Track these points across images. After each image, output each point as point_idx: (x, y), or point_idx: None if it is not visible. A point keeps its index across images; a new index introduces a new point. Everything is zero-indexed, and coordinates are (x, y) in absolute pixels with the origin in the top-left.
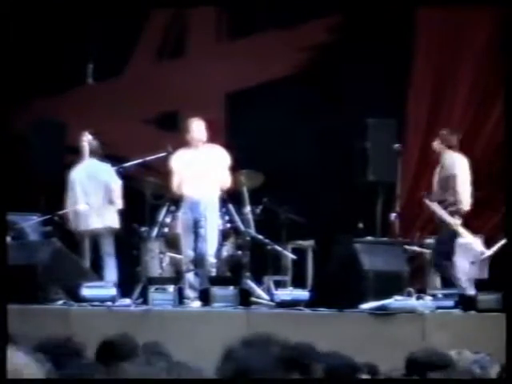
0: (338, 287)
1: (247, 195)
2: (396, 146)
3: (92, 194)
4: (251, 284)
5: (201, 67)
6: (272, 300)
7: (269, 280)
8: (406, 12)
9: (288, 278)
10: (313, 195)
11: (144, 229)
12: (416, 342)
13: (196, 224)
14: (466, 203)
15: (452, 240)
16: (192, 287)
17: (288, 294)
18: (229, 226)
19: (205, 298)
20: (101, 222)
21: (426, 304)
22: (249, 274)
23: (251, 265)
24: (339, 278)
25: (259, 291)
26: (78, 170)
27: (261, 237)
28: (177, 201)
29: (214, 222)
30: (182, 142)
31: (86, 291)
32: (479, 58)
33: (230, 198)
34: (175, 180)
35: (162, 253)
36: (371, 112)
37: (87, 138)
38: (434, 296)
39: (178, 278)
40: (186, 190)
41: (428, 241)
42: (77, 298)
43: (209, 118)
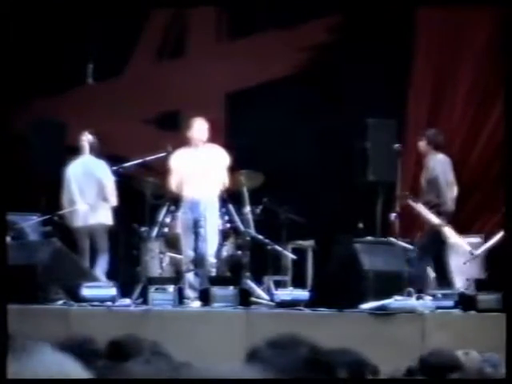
0: (338, 287)
1: (247, 195)
2: (396, 146)
3: (87, 191)
4: (251, 284)
5: (201, 67)
6: (272, 300)
7: (269, 280)
8: (406, 12)
9: (288, 278)
10: (313, 195)
11: (144, 229)
12: (416, 342)
13: (196, 224)
14: (450, 204)
15: (438, 241)
16: (192, 287)
17: (288, 294)
18: (229, 226)
19: (205, 298)
20: (94, 219)
21: (425, 304)
22: (249, 274)
23: (251, 265)
24: (339, 278)
25: (259, 291)
26: (74, 167)
27: (261, 237)
28: (177, 201)
29: (213, 222)
30: (181, 142)
31: (86, 291)
32: (479, 58)
33: (230, 198)
34: (174, 179)
35: (161, 253)
36: (371, 112)
37: (87, 137)
38: (433, 296)
39: (177, 277)
40: (185, 190)
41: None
42: (77, 298)
43: (209, 118)
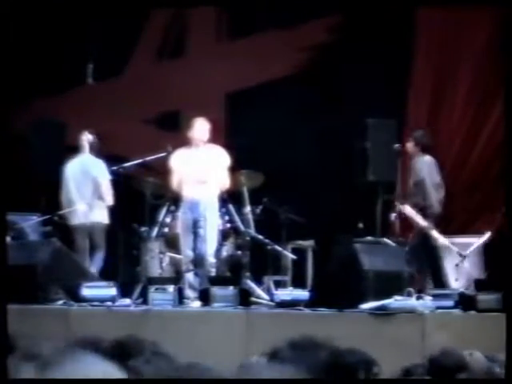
0: (338, 287)
1: (247, 195)
2: (396, 146)
3: (83, 189)
4: (251, 284)
5: (201, 67)
6: (272, 300)
7: (269, 280)
8: (406, 12)
9: (288, 278)
10: (313, 195)
11: (144, 229)
12: (416, 342)
13: (195, 224)
14: (436, 206)
15: (427, 243)
16: (192, 287)
17: (288, 294)
18: (229, 225)
19: (205, 298)
20: (90, 218)
21: (425, 304)
22: (249, 274)
23: (251, 265)
24: (339, 278)
25: (259, 291)
26: (72, 165)
27: (261, 237)
28: (176, 201)
29: (213, 222)
30: (182, 142)
31: (86, 291)
32: (479, 58)
33: (230, 198)
34: (175, 179)
35: (161, 253)
36: (371, 112)
37: (87, 137)
38: (434, 296)
39: (177, 277)
40: (185, 190)
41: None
42: (77, 298)
43: (209, 118)
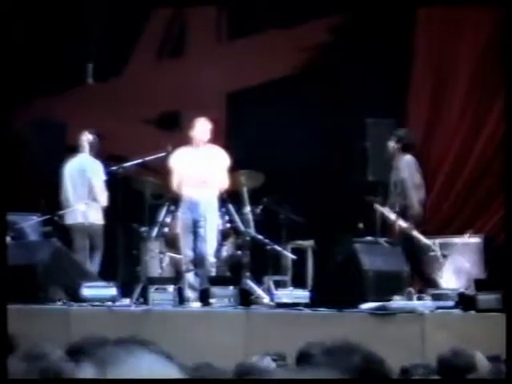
0: (338, 287)
1: (247, 195)
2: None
3: (79, 189)
4: (251, 284)
5: (201, 67)
6: (272, 300)
7: (269, 280)
8: (406, 12)
9: (288, 278)
10: (313, 195)
11: (144, 229)
12: (416, 342)
13: (195, 224)
14: (416, 207)
15: (408, 244)
16: (192, 287)
17: (288, 294)
18: (229, 225)
19: (205, 298)
20: (85, 218)
21: (425, 304)
22: (249, 274)
23: (251, 265)
24: (339, 278)
25: (259, 291)
26: (70, 165)
27: (261, 237)
28: (176, 201)
29: (213, 222)
30: (182, 142)
31: (86, 291)
32: (479, 58)
33: (230, 198)
34: (174, 179)
35: (161, 253)
36: (371, 112)
37: (87, 137)
38: (433, 296)
39: (177, 278)
40: (185, 190)
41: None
42: (77, 298)
43: (209, 118)
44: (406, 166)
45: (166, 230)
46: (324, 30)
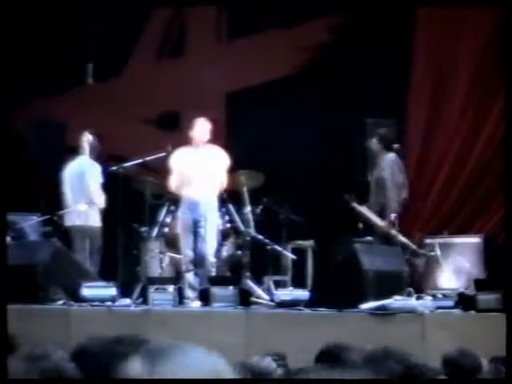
0: (338, 287)
1: (247, 195)
2: (396, 146)
3: (78, 192)
4: (251, 284)
5: (201, 67)
6: (272, 300)
7: (269, 280)
8: (406, 12)
9: (288, 278)
10: (313, 195)
11: (144, 229)
12: (416, 342)
13: (195, 224)
14: (394, 206)
15: (385, 243)
16: (191, 287)
17: (288, 294)
18: (229, 225)
19: (205, 297)
20: (81, 220)
21: (425, 304)
22: (249, 274)
23: (251, 265)
24: (339, 278)
25: (259, 291)
26: (70, 167)
27: (261, 237)
28: (176, 201)
29: (213, 222)
30: (182, 142)
31: (86, 291)
32: (479, 58)
33: (230, 198)
34: (174, 179)
35: (161, 253)
36: (371, 112)
37: (87, 137)
38: (433, 296)
39: (177, 278)
40: (185, 190)
41: (428, 241)
42: (77, 298)
43: (209, 118)
44: (387, 164)
45: (166, 229)
46: (324, 30)
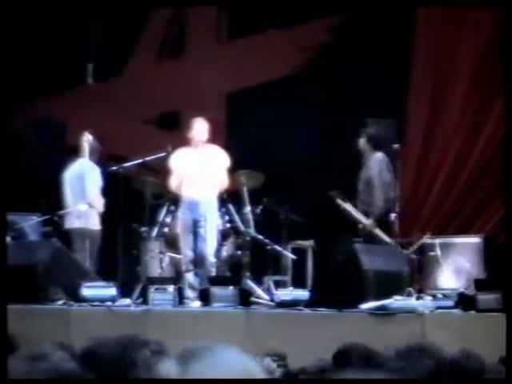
0: (338, 287)
1: (247, 195)
2: (396, 145)
3: (77, 194)
4: (251, 284)
5: (201, 67)
6: (272, 300)
7: (269, 280)
8: (406, 12)
9: (288, 278)
10: (313, 195)
11: (144, 229)
12: (416, 342)
13: (195, 224)
14: (380, 205)
15: (369, 241)
16: (191, 287)
17: (288, 294)
18: (229, 225)
19: (205, 297)
20: (81, 223)
21: (425, 304)
22: (249, 274)
23: (251, 265)
24: (339, 278)
25: (259, 291)
26: (70, 169)
27: (261, 237)
28: (176, 201)
29: (213, 222)
30: (181, 142)
31: (86, 291)
32: (479, 58)
33: (230, 198)
34: (174, 179)
35: (161, 253)
36: (371, 112)
37: (87, 137)
38: (433, 296)
39: (177, 278)
40: (185, 191)
41: (428, 241)
42: (77, 298)
43: (209, 118)
44: (375, 164)
45: (166, 229)
46: (324, 30)
